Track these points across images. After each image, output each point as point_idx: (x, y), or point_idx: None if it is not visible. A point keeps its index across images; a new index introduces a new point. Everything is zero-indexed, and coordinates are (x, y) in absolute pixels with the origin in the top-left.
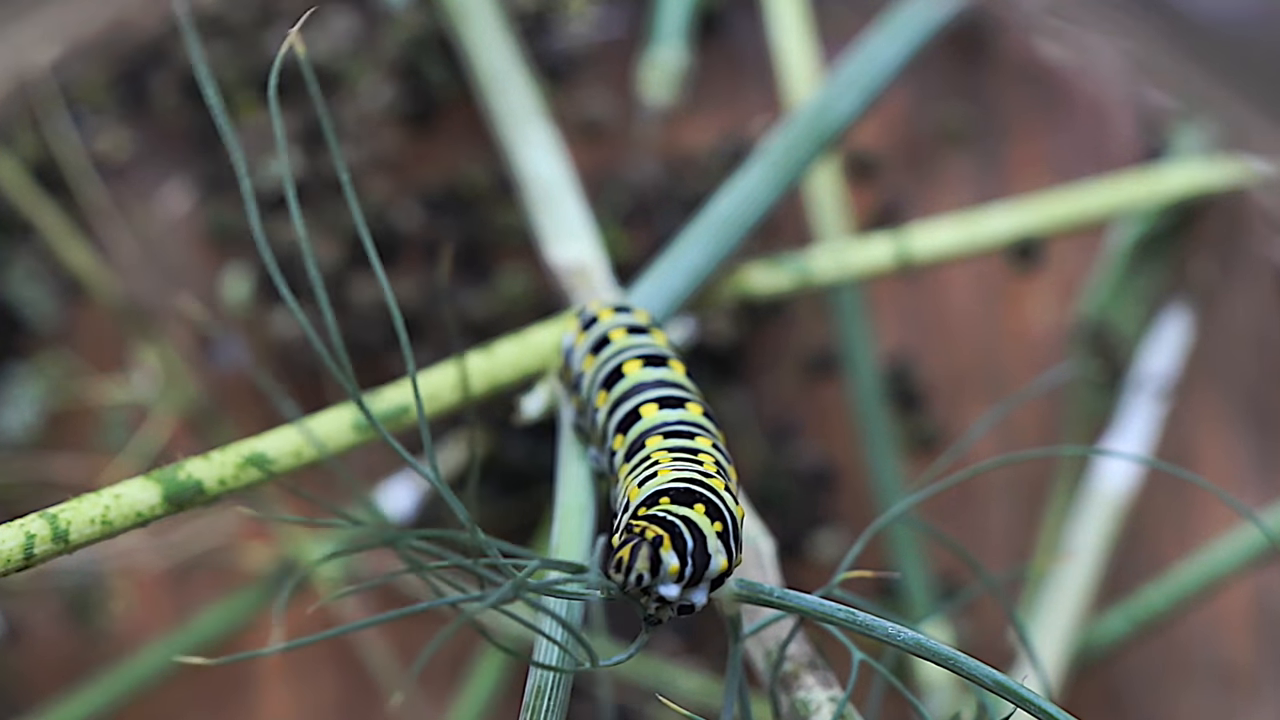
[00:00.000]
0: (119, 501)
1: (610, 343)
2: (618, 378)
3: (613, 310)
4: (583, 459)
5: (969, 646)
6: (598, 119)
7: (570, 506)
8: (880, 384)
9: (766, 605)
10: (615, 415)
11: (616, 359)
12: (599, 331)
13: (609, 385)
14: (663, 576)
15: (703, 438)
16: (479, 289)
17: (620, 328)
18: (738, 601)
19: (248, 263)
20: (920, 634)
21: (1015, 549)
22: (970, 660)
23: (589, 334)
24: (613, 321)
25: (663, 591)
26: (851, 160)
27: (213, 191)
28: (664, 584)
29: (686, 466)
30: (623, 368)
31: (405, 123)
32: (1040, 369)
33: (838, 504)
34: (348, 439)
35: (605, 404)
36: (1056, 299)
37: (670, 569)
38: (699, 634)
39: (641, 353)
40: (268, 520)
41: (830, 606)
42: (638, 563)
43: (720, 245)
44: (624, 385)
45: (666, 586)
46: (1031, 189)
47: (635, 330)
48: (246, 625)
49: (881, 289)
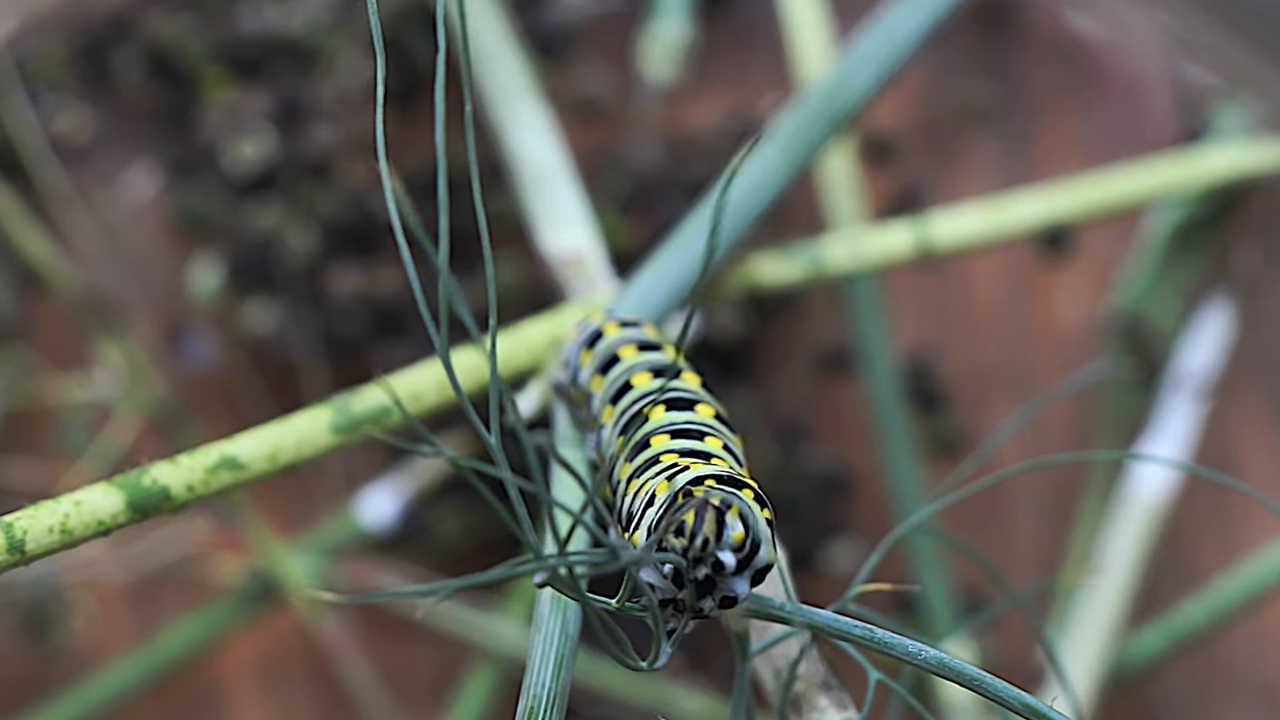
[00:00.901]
0: (79, 509)
1: (619, 360)
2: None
3: (619, 325)
4: (578, 463)
5: (994, 665)
6: (595, 97)
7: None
8: (899, 382)
9: (776, 620)
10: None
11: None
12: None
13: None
14: (726, 542)
15: (713, 438)
16: (468, 280)
17: (630, 344)
18: (746, 616)
19: (217, 252)
20: (942, 652)
21: (1044, 560)
22: (996, 681)
23: (594, 351)
24: (620, 338)
25: (723, 558)
26: (868, 141)
27: (180, 175)
28: (725, 551)
29: (708, 465)
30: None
31: (388, 102)
32: (1071, 366)
33: (853, 511)
34: (325, 442)
35: (612, 418)
36: (1088, 291)
37: (735, 535)
38: (703, 651)
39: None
40: (239, 529)
41: (845, 622)
42: (704, 525)
43: (726, 233)
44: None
45: (726, 554)
46: (1062, 172)
47: (646, 347)
48: (217, 642)
49: (900, 280)
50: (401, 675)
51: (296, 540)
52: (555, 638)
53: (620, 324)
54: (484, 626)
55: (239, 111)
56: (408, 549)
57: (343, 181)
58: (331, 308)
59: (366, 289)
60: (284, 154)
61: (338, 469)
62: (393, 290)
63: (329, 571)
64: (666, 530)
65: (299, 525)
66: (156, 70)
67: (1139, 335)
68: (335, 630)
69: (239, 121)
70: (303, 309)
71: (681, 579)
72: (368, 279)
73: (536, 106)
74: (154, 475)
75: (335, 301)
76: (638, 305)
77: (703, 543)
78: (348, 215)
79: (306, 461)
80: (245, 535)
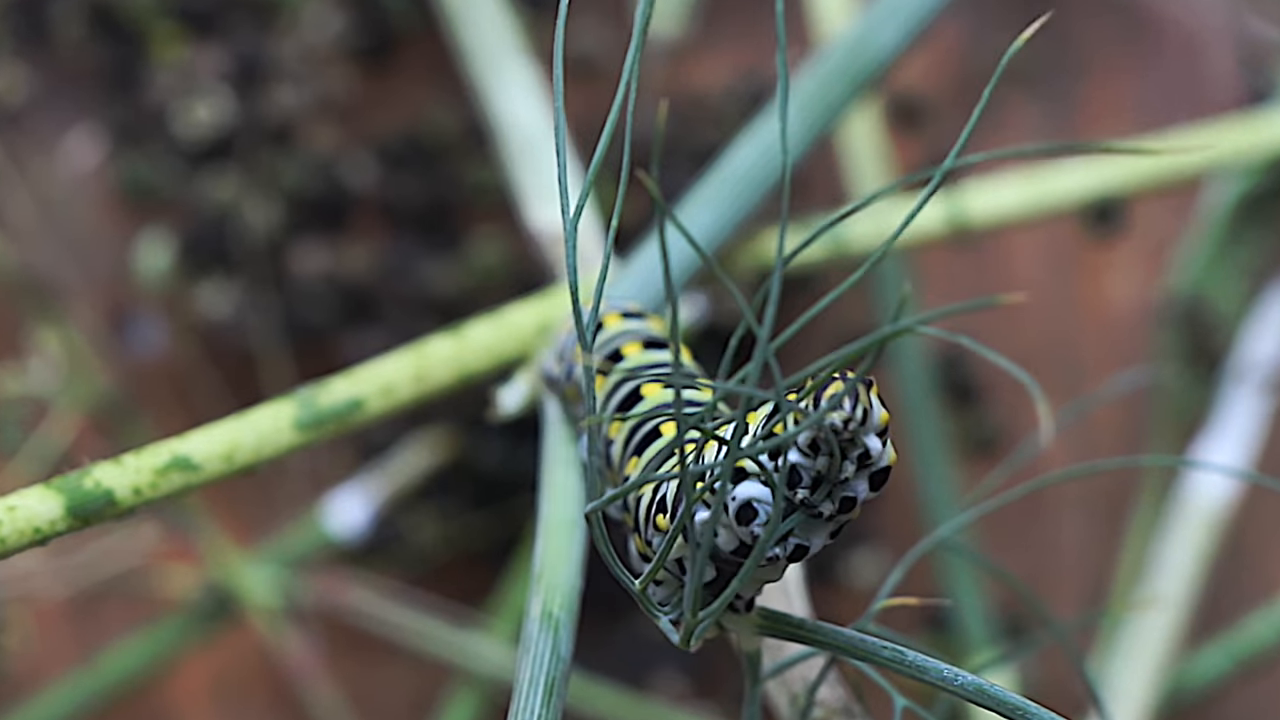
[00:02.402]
0: (13, 515)
1: (623, 359)
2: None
3: (619, 315)
4: (572, 464)
5: (1037, 691)
6: (589, 55)
7: (557, 521)
8: (930, 374)
9: (792, 639)
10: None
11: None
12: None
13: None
14: (872, 424)
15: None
16: (445, 259)
17: (634, 340)
18: (758, 635)
19: (167, 227)
20: (980, 678)
21: (1091, 573)
22: (1041, 710)
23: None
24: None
25: (869, 444)
26: (895, 104)
27: (126, 142)
28: (871, 435)
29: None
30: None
31: (357, 59)
32: (1122, 356)
33: (877, 518)
34: (288, 440)
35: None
36: (1141, 271)
37: (882, 416)
38: (710, 673)
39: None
40: (192, 537)
41: (870, 642)
42: (861, 399)
43: (737, 206)
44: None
45: (873, 439)
46: (1112, 138)
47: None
48: (167, 664)
49: (932, 260)
50: (373, 700)
51: (256, 550)
52: (545, 659)
53: (621, 314)
54: (465, 646)
55: (191, 71)
56: (381, 559)
57: (307, 148)
58: (295, 290)
59: (334, 269)
60: (242, 118)
61: (302, 470)
62: (363, 270)
63: (292, 585)
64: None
65: (259, 533)
66: (99, 25)
67: (1198, 321)
68: (299, 650)
69: (191, 82)
70: (263, 291)
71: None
72: (335, 257)
73: (523, 65)
74: (96, 477)
75: (299, 283)
76: (638, 288)
77: (844, 422)
78: (313, 186)
79: (267, 462)
80: (199, 544)
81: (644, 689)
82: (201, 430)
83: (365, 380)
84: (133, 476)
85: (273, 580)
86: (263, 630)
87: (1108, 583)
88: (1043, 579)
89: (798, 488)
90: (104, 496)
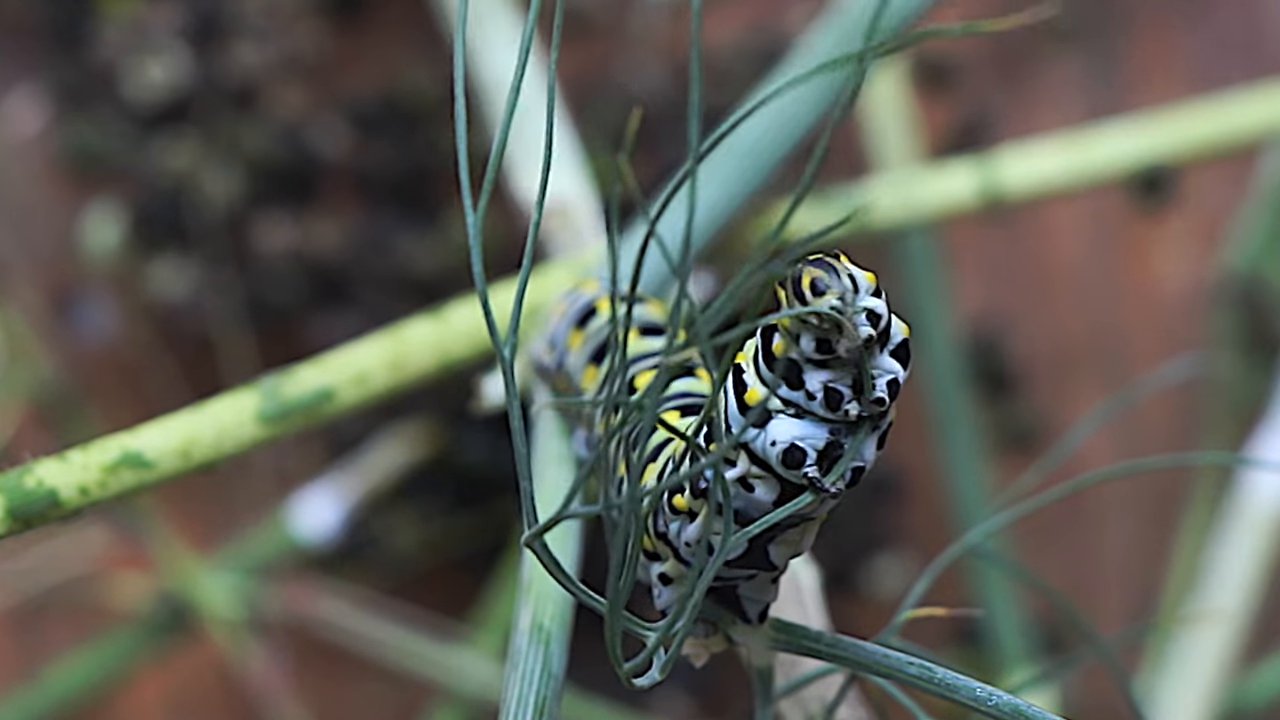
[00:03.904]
0: None
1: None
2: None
3: None
4: (565, 461)
5: (1079, 713)
6: (584, 7)
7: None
8: (960, 360)
9: (808, 654)
10: None
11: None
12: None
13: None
14: (864, 288)
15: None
16: (424, 234)
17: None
18: (770, 649)
19: (118, 199)
20: (1016, 698)
21: (1140, 581)
22: None
23: (585, 332)
24: None
25: (873, 306)
26: (923, 64)
27: (72, 105)
28: (868, 298)
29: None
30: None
31: (327, 13)
32: (1172, 343)
33: (902, 520)
34: (251, 434)
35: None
36: (1194, 248)
37: (868, 277)
38: (717, 691)
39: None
40: (145, 541)
41: (895, 657)
42: (839, 270)
43: (748, 177)
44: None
45: (870, 299)
46: (1160, 101)
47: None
48: (118, 680)
49: (962, 235)
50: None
51: (215, 556)
52: (535, 676)
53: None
54: (446, 661)
55: (143, 26)
56: (354, 566)
57: (272, 112)
58: (258, 268)
59: (301, 245)
60: (199, 78)
61: (266, 467)
62: (334, 246)
63: (256, 594)
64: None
65: (218, 537)
66: None
67: (1256, 303)
68: (263, 666)
69: (143, 38)
70: (223, 270)
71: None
72: (303, 232)
73: (509, 19)
74: (39, 476)
75: (263, 260)
76: None
77: (850, 284)
78: (278, 154)
79: (228, 458)
80: (152, 549)
81: (644, 709)
82: (155, 423)
83: (336, 368)
84: (79, 474)
85: (234, 589)
86: (223, 645)
87: (1157, 593)
88: (1085, 588)
89: (840, 405)
90: (47, 497)
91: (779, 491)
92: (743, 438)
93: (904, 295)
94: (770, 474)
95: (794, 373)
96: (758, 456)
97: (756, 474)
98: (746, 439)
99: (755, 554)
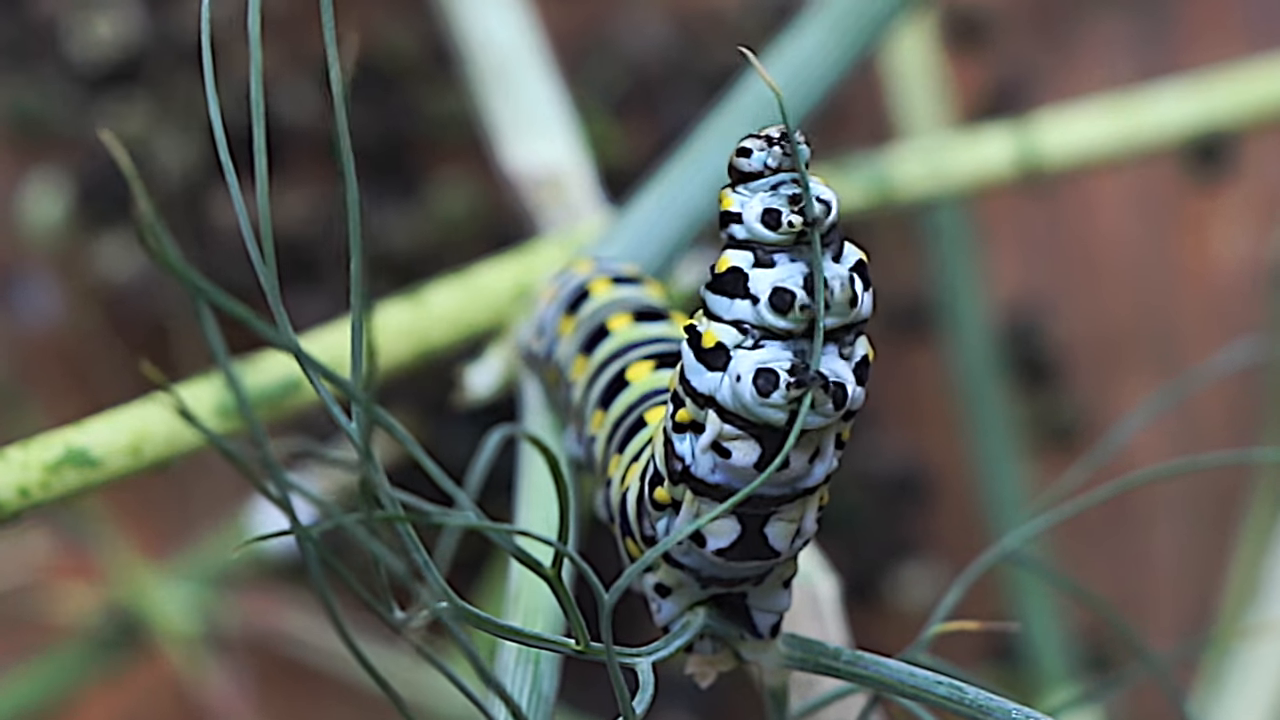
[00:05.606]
0: None
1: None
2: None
3: (610, 280)
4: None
5: None
6: None
7: (537, 523)
8: (994, 348)
9: (826, 673)
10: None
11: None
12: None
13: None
14: (821, 191)
15: None
16: (401, 207)
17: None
18: (784, 667)
19: (61, 169)
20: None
21: (1194, 592)
22: None
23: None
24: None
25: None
26: (954, 19)
27: (10, 65)
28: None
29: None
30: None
31: None
32: (1229, 328)
33: (931, 524)
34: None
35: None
36: (1252, 225)
37: (823, 179)
38: (725, 713)
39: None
40: (92, 549)
41: (921, 676)
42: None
43: None
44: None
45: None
46: (1215, 61)
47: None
48: (61, 701)
49: (998, 208)
50: None
51: (169, 565)
52: (524, 697)
53: (613, 279)
54: (424, 680)
55: None
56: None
57: (232, 73)
58: (217, 245)
59: None
60: (151, 35)
61: (225, 467)
62: (301, 221)
63: (214, 606)
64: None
65: (173, 544)
66: None
67: None
68: (222, 685)
69: None
70: (178, 247)
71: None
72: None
73: None
74: None
75: (222, 236)
76: (636, 244)
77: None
78: (239, 119)
79: (183, 456)
80: (99, 558)
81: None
82: (102, 417)
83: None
84: (18, 474)
85: (190, 601)
86: (178, 662)
87: (1213, 604)
88: (1134, 599)
89: (791, 307)
90: None
91: (759, 451)
92: (708, 388)
93: (933, 275)
94: (745, 430)
95: (740, 282)
96: (728, 411)
97: (730, 433)
98: (711, 389)
99: (752, 539)
